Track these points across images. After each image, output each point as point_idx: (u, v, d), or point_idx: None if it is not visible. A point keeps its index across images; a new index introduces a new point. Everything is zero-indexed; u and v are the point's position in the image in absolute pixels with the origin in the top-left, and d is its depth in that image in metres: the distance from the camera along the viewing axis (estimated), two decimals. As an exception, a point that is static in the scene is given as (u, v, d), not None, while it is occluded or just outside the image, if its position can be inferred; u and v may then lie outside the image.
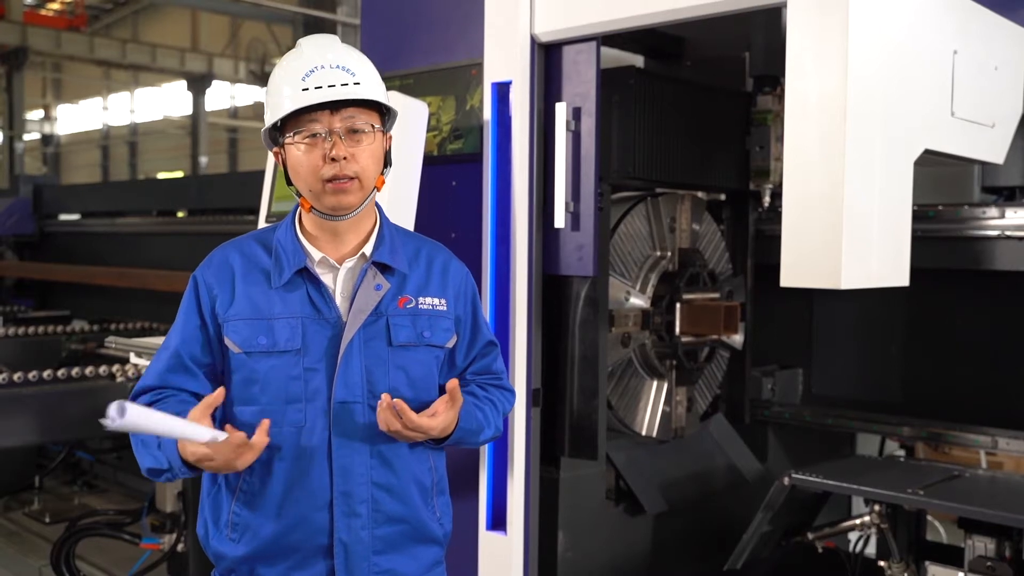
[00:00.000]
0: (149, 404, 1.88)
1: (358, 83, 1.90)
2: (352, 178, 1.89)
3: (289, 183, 1.96)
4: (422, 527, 2.03)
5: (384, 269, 1.99)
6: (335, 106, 1.89)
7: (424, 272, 2.06)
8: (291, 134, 1.91)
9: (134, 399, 1.92)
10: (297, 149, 1.90)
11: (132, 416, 1.62)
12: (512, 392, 2.22)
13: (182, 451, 1.81)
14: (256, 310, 1.92)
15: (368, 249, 1.99)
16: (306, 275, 1.95)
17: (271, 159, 3.18)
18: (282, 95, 1.90)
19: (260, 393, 1.91)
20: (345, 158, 1.88)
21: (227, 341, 1.92)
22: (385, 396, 1.87)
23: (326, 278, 1.96)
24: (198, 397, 1.91)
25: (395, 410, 1.85)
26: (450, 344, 2.06)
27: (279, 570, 1.95)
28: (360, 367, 1.93)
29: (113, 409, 1.59)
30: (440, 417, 1.91)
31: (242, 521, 1.94)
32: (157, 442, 1.84)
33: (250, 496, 1.94)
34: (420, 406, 1.92)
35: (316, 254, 1.96)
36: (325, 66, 1.89)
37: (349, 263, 1.97)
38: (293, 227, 1.99)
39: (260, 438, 1.80)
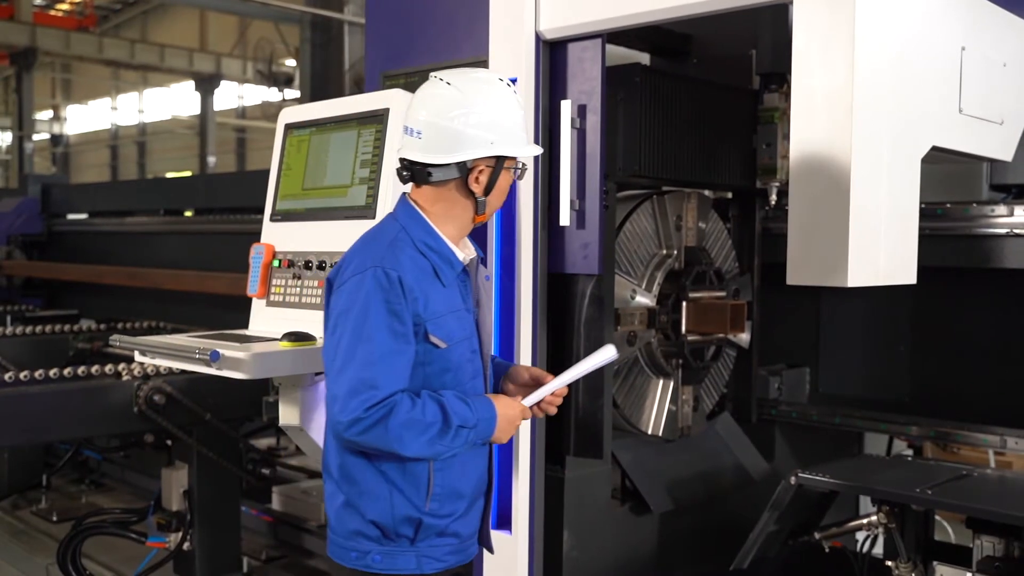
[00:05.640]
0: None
1: None
2: None
3: (484, 194, 2.25)
4: None
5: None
6: None
7: None
8: (512, 167, 2.28)
9: (386, 399, 2.09)
10: (508, 176, 2.29)
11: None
12: None
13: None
14: (448, 306, 2.21)
15: (471, 248, 2.34)
16: (462, 273, 2.28)
17: (276, 159, 3.18)
18: (522, 138, 2.27)
19: (453, 380, 2.22)
20: None
21: (433, 338, 2.17)
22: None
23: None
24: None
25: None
26: None
27: (460, 509, 2.28)
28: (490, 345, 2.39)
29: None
30: None
31: (444, 492, 2.24)
32: (474, 420, 2.16)
33: (448, 463, 2.24)
34: None
35: (459, 254, 2.27)
36: None
37: (465, 259, 2.29)
38: (437, 232, 2.25)
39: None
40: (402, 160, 2.27)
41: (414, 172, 2.24)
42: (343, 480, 2.23)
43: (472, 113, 2.19)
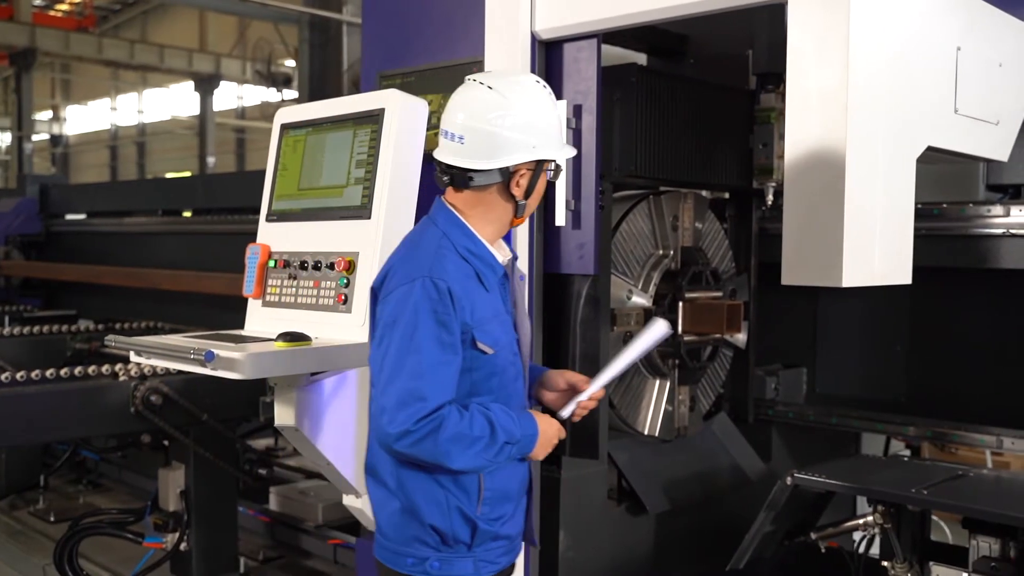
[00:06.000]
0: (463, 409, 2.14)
1: None
2: None
3: (524, 197, 2.25)
4: None
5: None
6: None
7: None
8: (549, 168, 2.28)
9: (435, 411, 2.07)
10: (546, 178, 2.28)
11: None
12: None
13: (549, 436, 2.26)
14: (492, 311, 2.21)
15: (506, 249, 2.34)
16: (502, 277, 2.29)
17: (272, 159, 3.17)
18: (560, 140, 2.28)
19: (498, 384, 2.23)
20: None
21: (480, 345, 2.17)
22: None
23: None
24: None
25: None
26: None
27: (509, 511, 2.30)
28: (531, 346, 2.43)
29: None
30: None
31: (494, 495, 2.26)
32: (519, 435, 2.18)
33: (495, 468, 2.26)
34: None
35: (499, 256, 2.28)
36: None
37: (504, 261, 2.30)
38: (478, 237, 2.24)
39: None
40: (439, 164, 2.26)
41: (454, 176, 2.23)
42: (399, 488, 2.23)
43: (514, 117, 2.18)
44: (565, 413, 2.38)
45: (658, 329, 2.39)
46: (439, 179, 2.28)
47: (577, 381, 2.42)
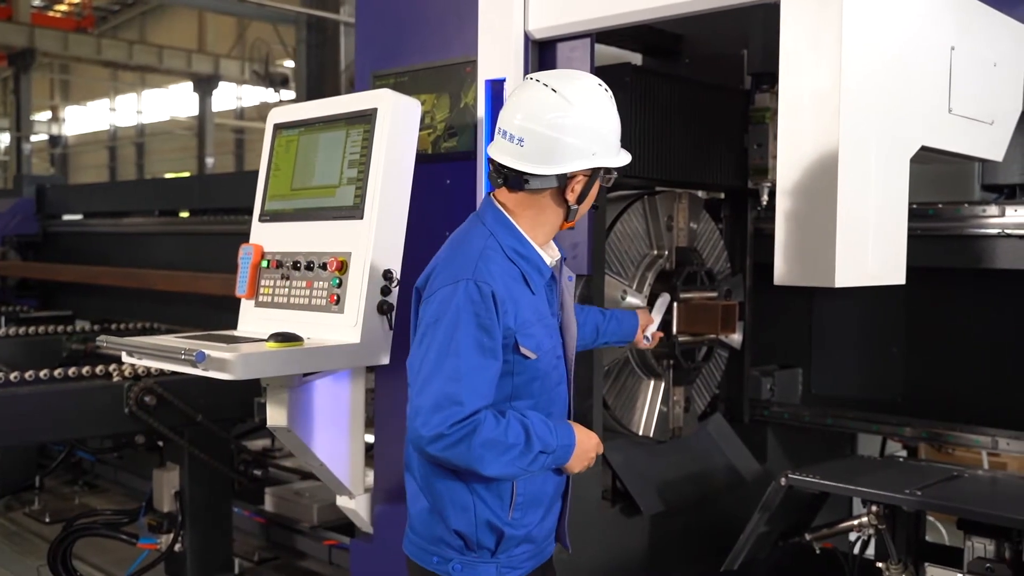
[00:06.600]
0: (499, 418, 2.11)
1: None
2: None
3: (577, 202, 2.22)
4: None
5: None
6: None
7: None
8: (602, 173, 2.24)
9: (470, 416, 2.04)
10: (598, 183, 2.25)
11: None
12: None
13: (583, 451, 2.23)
14: (536, 315, 2.19)
15: (555, 250, 2.32)
16: (550, 279, 2.28)
17: (265, 159, 3.16)
18: (618, 146, 2.25)
19: (540, 388, 2.22)
20: None
21: (523, 350, 2.15)
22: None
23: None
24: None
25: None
26: None
27: (539, 516, 2.29)
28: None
29: None
30: None
31: (526, 500, 2.24)
32: (554, 445, 2.15)
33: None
34: None
35: (547, 258, 2.26)
36: None
37: (552, 263, 2.28)
38: (526, 239, 2.22)
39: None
40: (494, 163, 2.23)
41: (508, 177, 2.20)
42: (427, 488, 2.23)
43: (576, 123, 2.15)
44: (648, 334, 2.93)
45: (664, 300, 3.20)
46: (493, 179, 2.24)
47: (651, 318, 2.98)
